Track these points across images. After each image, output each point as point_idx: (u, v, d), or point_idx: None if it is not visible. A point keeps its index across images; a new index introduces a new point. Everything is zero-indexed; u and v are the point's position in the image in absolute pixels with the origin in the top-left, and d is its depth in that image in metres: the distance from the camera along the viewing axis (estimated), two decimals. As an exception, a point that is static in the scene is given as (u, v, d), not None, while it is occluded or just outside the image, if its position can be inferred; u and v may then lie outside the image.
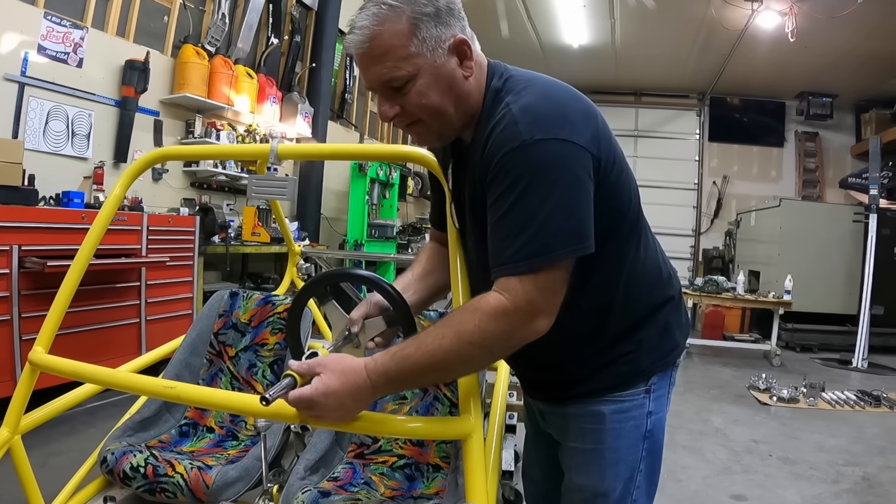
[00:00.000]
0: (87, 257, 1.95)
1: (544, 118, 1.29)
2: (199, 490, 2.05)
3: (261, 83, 7.41)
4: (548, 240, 1.26)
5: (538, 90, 1.36)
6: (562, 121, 1.30)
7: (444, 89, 1.37)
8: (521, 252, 1.27)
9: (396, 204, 10.30)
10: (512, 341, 1.33)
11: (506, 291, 1.29)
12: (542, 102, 1.32)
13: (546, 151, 1.26)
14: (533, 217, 1.26)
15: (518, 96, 1.34)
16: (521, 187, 1.26)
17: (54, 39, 5.18)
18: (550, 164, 1.26)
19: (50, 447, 3.73)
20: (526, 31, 10.69)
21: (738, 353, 8.65)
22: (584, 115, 1.35)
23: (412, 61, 1.32)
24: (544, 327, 1.32)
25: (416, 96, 1.35)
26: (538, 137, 1.26)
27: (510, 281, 1.29)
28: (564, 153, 1.27)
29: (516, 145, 1.27)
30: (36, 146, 5.07)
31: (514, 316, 1.29)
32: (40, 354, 1.81)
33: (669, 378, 1.63)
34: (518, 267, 1.28)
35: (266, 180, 1.81)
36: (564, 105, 1.34)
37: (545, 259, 1.26)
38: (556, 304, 1.32)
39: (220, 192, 7.27)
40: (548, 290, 1.30)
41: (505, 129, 1.30)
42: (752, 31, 9.36)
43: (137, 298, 5.05)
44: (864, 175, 9.67)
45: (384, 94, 1.39)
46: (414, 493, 2.22)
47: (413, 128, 1.44)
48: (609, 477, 1.56)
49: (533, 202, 1.25)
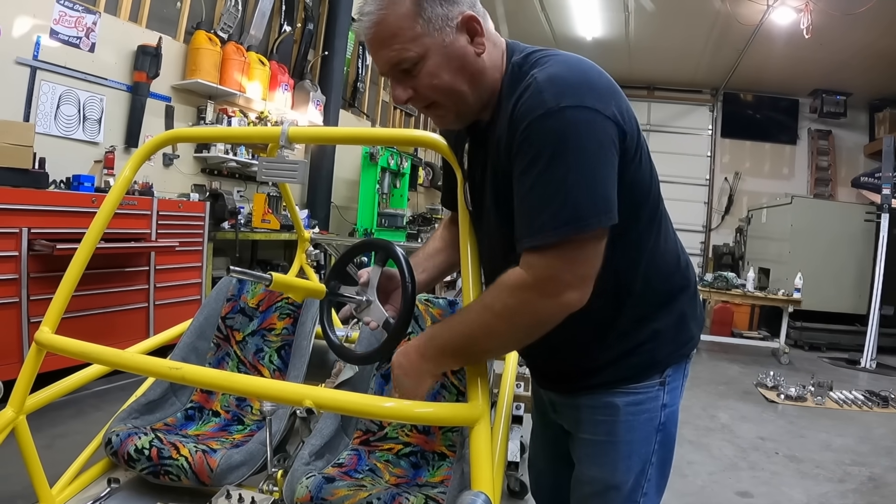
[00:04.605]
0: (96, 239, 1.94)
1: (570, 86, 1.26)
2: (203, 473, 2.05)
3: (273, 70, 7.40)
4: (576, 209, 1.23)
5: (563, 62, 1.34)
6: (588, 89, 1.27)
7: (456, 68, 1.35)
8: (550, 223, 1.24)
9: (407, 193, 10.30)
10: (538, 316, 1.31)
11: (526, 265, 1.29)
12: (567, 72, 1.30)
13: (572, 118, 1.23)
14: (560, 187, 1.23)
15: (543, 68, 1.32)
16: (546, 157, 1.24)
17: (67, 24, 5.18)
18: (576, 132, 1.23)
19: (56, 429, 3.75)
20: (539, 22, 10.63)
21: (746, 350, 8.61)
22: (610, 90, 1.32)
23: (419, 42, 1.31)
24: (576, 300, 1.29)
25: (426, 77, 1.34)
26: (564, 105, 1.23)
27: (531, 256, 1.28)
28: (590, 120, 1.24)
29: (541, 112, 1.24)
30: (47, 130, 5.08)
31: (533, 290, 1.28)
32: (46, 334, 1.80)
33: (684, 370, 1.61)
34: (544, 238, 1.25)
35: (276, 163, 1.78)
36: (590, 75, 1.32)
37: (574, 228, 1.23)
38: (586, 274, 1.30)
39: (230, 179, 7.27)
40: (576, 261, 1.27)
41: (531, 97, 1.27)
42: (767, 26, 9.28)
43: (146, 283, 5.06)
44: (877, 174, 9.59)
45: (396, 77, 1.37)
46: (419, 480, 2.21)
47: (430, 110, 1.42)
48: (621, 469, 1.54)
49: (559, 172, 1.23)
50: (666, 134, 13.84)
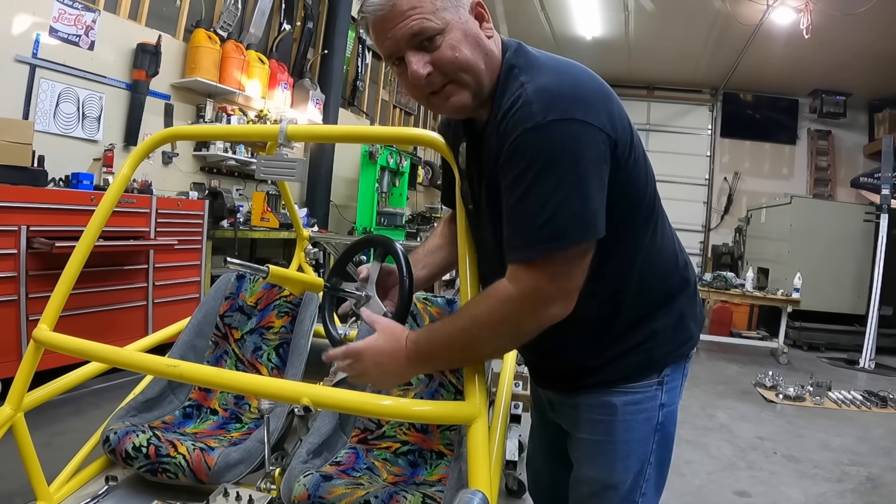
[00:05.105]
0: (94, 236, 1.94)
1: (559, 98, 1.26)
2: (200, 471, 2.05)
3: (272, 69, 7.39)
4: (561, 226, 1.24)
5: (554, 70, 1.34)
6: (577, 101, 1.27)
7: (474, 45, 1.35)
8: (534, 238, 1.26)
9: (406, 192, 10.30)
10: (523, 327, 1.35)
11: (514, 279, 1.31)
12: (557, 82, 1.30)
13: (561, 133, 1.23)
14: (545, 204, 1.24)
15: (533, 76, 1.32)
16: (534, 171, 1.24)
17: (66, 22, 5.17)
18: (565, 146, 1.23)
19: (55, 427, 3.74)
20: (539, 21, 10.61)
21: (745, 349, 8.61)
22: (601, 96, 1.32)
23: (440, 15, 1.30)
24: (560, 312, 1.32)
25: (448, 50, 1.32)
26: (552, 118, 1.23)
27: (518, 269, 1.31)
28: (579, 134, 1.24)
29: (530, 126, 1.24)
30: (46, 128, 5.07)
31: (519, 303, 1.31)
32: (44, 332, 1.80)
33: (683, 370, 1.61)
34: (529, 253, 1.28)
35: (275, 161, 1.79)
36: (580, 85, 1.31)
37: (557, 246, 1.25)
38: (570, 288, 1.32)
39: (229, 177, 7.26)
40: (559, 276, 1.29)
41: (520, 109, 1.27)
42: (767, 26, 9.27)
43: (145, 281, 5.06)
44: (876, 175, 9.59)
45: (413, 50, 1.32)
46: (416, 479, 2.21)
47: (446, 88, 1.37)
48: (619, 469, 1.54)
49: (545, 188, 1.24)
50: (665, 133, 13.83)
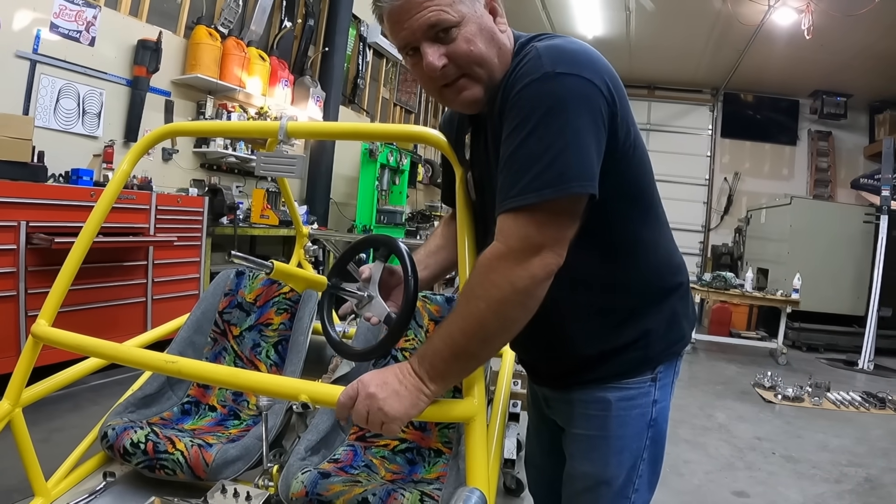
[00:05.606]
0: (93, 232, 1.93)
1: (569, 55, 1.27)
2: (198, 468, 2.05)
3: (273, 66, 7.40)
4: (560, 172, 1.20)
5: (566, 38, 1.34)
6: (587, 61, 1.27)
7: (488, 39, 1.35)
8: (532, 184, 1.21)
9: (406, 190, 10.30)
10: (518, 284, 1.24)
11: (500, 234, 1.26)
12: (568, 44, 1.30)
13: (567, 84, 1.23)
14: (547, 149, 1.21)
15: (544, 40, 1.34)
16: (536, 118, 1.22)
17: (67, 17, 5.17)
18: (569, 98, 1.22)
19: (53, 423, 3.75)
20: (540, 21, 10.62)
21: (744, 350, 8.62)
22: (610, 71, 1.31)
23: (456, 8, 1.30)
24: (551, 261, 1.25)
25: (464, 42, 1.32)
26: (560, 70, 1.23)
27: (506, 221, 1.26)
28: (585, 90, 1.24)
29: (538, 76, 1.24)
30: (46, 123, 5.08)
31: (508, 256, 1.24)
32: (43, 327, 1.80)
33: (675, 368, 1.61)
34: (524, 199, 1.22)
35: (275, 157, 1.78)
36: (591, 52, 1.31)
37: (555, 191, 1.20)
38: (560, 237, 1.26)
39: (229, 174, 7.27)
40: (549, 223, 1.24)
41: (529, 62, 1.28)
42: (768, 27, 9.29)
43: (144, 277, 5.06)
44: (877, 176, 9.60)
45: (429, 41, 1.33)
46: (415, 477, 2.21)
47: (459, 82, 1.37)
48: (613, 464, 1.54)
49: (548, 134, 1.21)
50: (666, 133, 13.85)
